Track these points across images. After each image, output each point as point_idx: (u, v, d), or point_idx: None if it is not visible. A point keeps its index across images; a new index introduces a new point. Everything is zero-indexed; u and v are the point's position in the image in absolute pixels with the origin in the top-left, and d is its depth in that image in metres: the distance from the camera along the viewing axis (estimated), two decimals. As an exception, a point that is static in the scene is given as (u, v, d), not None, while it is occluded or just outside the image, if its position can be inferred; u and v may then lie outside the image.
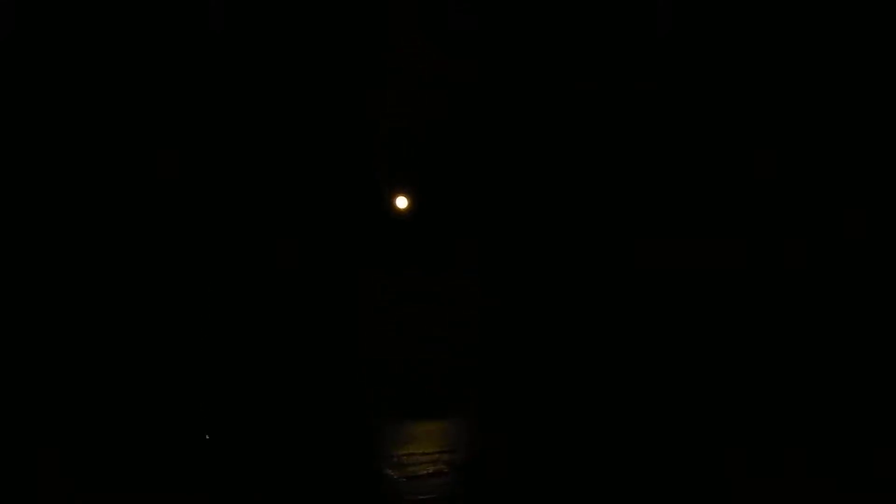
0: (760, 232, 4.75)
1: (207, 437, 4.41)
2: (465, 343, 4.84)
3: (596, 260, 4.85)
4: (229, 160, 4.73)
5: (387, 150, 4.88)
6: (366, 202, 4.84)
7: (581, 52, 4.88)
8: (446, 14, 4.90)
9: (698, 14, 4.85)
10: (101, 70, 4.65)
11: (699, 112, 4.84)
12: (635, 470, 4.54)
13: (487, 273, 4.86)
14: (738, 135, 4.81)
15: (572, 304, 4.83)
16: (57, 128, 4.62)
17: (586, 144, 4.89)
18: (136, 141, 4.66)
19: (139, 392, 4.51)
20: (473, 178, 4.90)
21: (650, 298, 4.78)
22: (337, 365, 4.69)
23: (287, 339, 4.66)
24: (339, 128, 4.81)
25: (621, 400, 4.71)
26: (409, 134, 4.88)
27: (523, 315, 4.83)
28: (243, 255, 4.68)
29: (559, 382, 4.77)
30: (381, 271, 4.83)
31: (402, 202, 4.79)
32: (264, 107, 4.76)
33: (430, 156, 4.88)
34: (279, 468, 4.52)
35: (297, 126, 4.77)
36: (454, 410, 4.78)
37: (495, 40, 4.89)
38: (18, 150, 4.59)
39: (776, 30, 4.78)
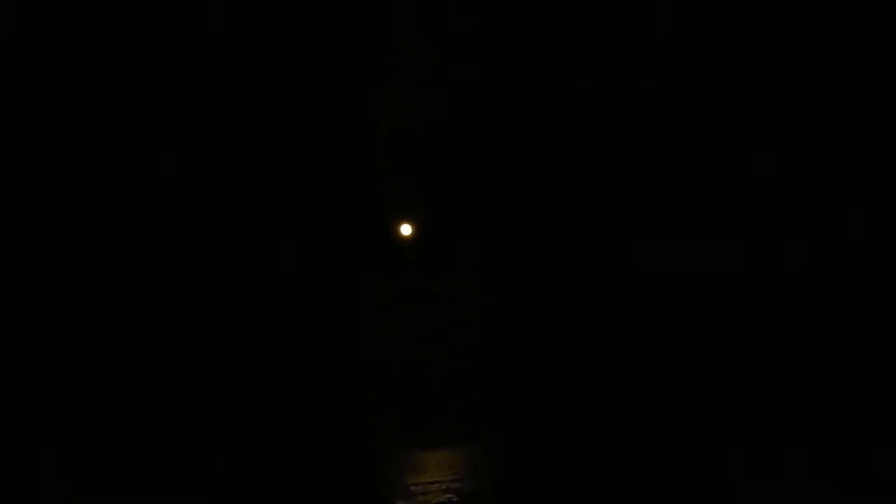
0: (760, 232, 4.75)
1: (218, 469, 4.42)
2: (465, 343, 4.84)
3: (596, 260, 4.85)
4: (229, 160, 4.73)
5: (387, 150, 4.88)
6: (365, 203, 4.85)
7: (581, 52, 4.88)
8: (446, 14, 4.90)
9: (698, 14, 4.86)
10: (101, 70, 4.65)
11: (699, 112, 4.84)
12: (635, 470, 4.54)
13: (487, 273, 4.86)
14: (738, 135, 4.81)
15: (572, 303, 4.83)
16: (57, 128, 4.62)
17: (586, 144, 4.89)
18: (136, 141, 4.66)
19: (139, 392, 4.51)
20: (473, 178, 4.90)
21: (650, 298, 4.79)
22: (337, 365, 4.69)
23: (287, 339, 4.66)
24: (339, 128, 4.81)
25: (621, 400, 4.71)
26: (409, 134, 4.88)
27: (523, 315, 4.84)
28: (243, 255, 4.68)
29: (559, 382, 4.77)
30: (381, 271, 4.83)
31: (406, 229, 4.78)
32: (264, 107, 4.76)
33: (430, 156, 4.88)
34: (280, 468, 4.52)
35: (297, 126, 4.77)
36: (461, 434, 4.76)
37: (495, 40, 4.89)
38: (18, 150, 4.59)
39: (776, 30, 4.78)
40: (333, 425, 4.61)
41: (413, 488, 4.56)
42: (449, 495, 4.53)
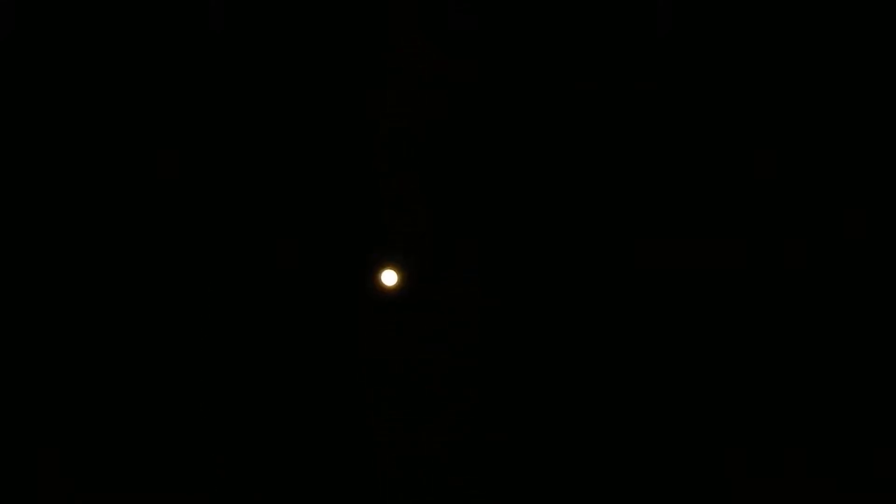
0: (760, 232, 4.75)
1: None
2: (465, 343, 4.84)
3: (596, 260, 4.85)
4: (229, 160, 4.73)
5: (387, 150, 4.88)
6: (365, 202, 4.84)
7: (581, 52, 4.88)
8: (446, 14, 4.90)
9: (698, 14, 4.86)
10: (101, 70, 4.65)
11: (699, 112, 4.84)
12: (635, 470, 4.54)
13: (487, 273, 4.86)
14: (738, 135, 4.81)
15: (572, 303, 4.83)
16: (57, 128, 4.62)
17: (586, 144, 4.89)
18: (136, 141, 4.66)
19: (139, 392, 4.51)
20: (473, 178, 4.90)
21: (650, 298, 4.79)
22: (337, 365, 4.69)
23: (287, 339, 4.66)
24: (339, 128, 4.81)
25: (621, 400, 4.71)
26: (409, 134, 4.88)
27: (523, 315, 4.84)
28: (243, 255, 4.69)
29: (559, 382, 4.77)
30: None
31: (390, 278, 4.76)
32: (264, 107, 4.76)
33: (430, 156, 4.88)
34: (280, 468, 4.52)
35: (296, 126, 4.77)
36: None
37: (495, 40, 4.89)
38: (18, 150, 4.59)
39: (777, 30, 4.79)
40: (333, 425, 4.61)
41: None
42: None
